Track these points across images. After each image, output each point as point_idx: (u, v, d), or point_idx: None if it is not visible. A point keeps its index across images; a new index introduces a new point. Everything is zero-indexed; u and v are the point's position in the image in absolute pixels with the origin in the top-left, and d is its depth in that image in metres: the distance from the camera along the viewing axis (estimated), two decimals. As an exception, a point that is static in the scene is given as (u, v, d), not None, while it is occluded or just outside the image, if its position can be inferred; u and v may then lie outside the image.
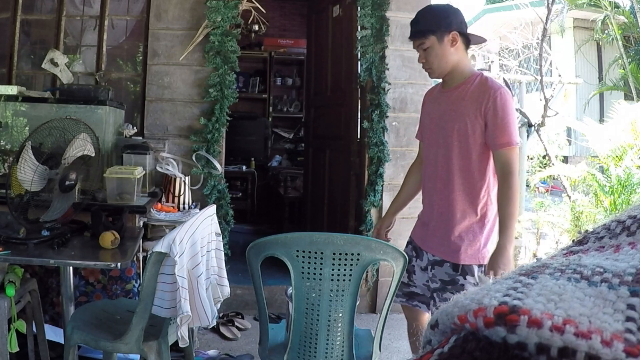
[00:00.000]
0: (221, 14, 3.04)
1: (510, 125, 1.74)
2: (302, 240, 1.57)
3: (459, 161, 1.84)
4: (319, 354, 1.61)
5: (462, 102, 1.83)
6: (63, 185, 1.93)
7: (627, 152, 3.75)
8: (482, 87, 1.79)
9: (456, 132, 1.84)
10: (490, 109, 1.75)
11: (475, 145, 1.80)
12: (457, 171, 1.84)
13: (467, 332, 0.24)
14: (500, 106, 1.74)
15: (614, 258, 0.28)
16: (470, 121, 1.79)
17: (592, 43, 9.84)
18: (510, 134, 1.74)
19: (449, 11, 1.86)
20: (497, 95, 1.75)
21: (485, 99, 1.76)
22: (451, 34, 1.82)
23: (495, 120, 1.75)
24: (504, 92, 1.76)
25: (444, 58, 1.84)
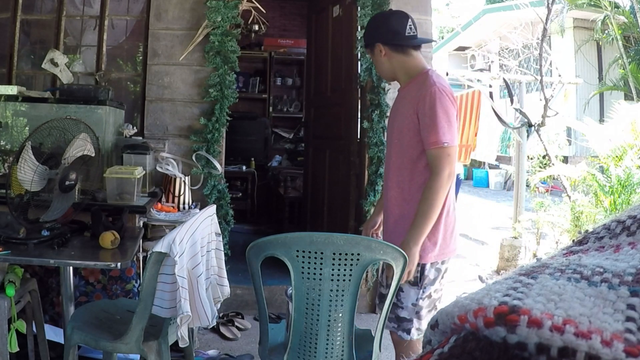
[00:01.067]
0: (221, 14, 3.04)
1: (439, 124, 1.71)
2: (302, 240, 1.57)
3: (397, 159, 1.87)
4: (319, 354, 1.61)
5: (403, 101, 1.88)
6: (63, 185, 1.93)
7: (627, 152, 3.75)
8: (420, 86, 1.80)
9: (396, 130, 1.88)
10: (421, 107, 1.75)
11: (412, 144, 1.81)
12: (395, 169, 1.88)
13: (467, 332, 0.24)
14: (430, 104, 1.73)
15: (614, 258, 0.28)
16: (407, 120, 1.81)
17: (592, 43, 9.84)
18: (438, 133, 1.71)
19: (373, 24, 1.96)
20: (429, 93, 1.74)
21: (419, 97, 1.77)
22: (376, 46, 1.90)
23: (424, 119, 1.75)
24: (437, 90, 1.74)
25: (380, 67, 1.95)
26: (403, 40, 1.87)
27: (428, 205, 1.72)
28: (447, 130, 1.72)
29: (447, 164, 1.72)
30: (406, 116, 1.82)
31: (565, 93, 5.16)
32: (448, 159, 1.72)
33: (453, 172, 1.74)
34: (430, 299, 1.85)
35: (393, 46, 1.88)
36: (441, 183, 1.71)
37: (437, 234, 1.81)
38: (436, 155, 1.73)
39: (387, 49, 1.89)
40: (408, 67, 1.89)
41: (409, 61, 1.89)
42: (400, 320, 1.85)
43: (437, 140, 1.72)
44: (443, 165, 1.72)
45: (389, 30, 1.89)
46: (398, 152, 1.86)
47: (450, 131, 1.73)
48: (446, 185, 1.73)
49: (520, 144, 4.72)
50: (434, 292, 1.85)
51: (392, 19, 1.91)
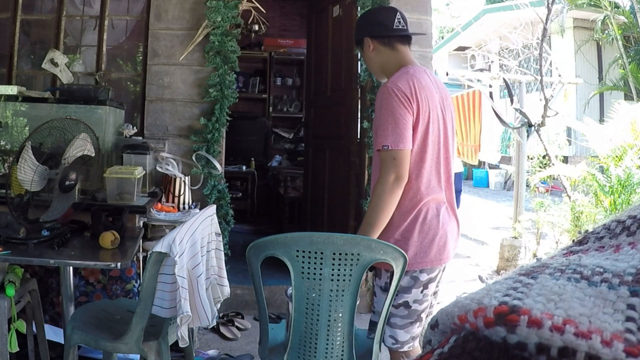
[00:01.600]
0: (221, 14, 3.04)
1: (382, 126, 1.66)
2: (302, 240, 1.57)
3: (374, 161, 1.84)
4: (319, 354, 1.61)
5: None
6: (63, 185, 1.93)
7: (627, 152, 3.75)
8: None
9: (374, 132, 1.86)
10: (375, 109, 1.74)
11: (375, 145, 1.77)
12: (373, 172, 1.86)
13: (467, 332, 0.24)
14: (378, 105, 1.70)
15: (614, 258, 0.28)
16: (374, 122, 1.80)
17: (592, 43, 9.84)
18: (380, 135, 1.66)
19: (361, 20, 1.94)
20: (379, 93, 1.71)
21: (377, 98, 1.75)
22: (365, 41, 1.87)
23: (374, 121, 1.72)
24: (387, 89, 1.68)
25: (370, 63, 1.91)
26: (391, 38, 1.83)
27: (371, 209, 1.67)
28: (390, 133, 1.64)
29: (392, 167, 1.64)
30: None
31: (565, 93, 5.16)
32: (393, 163, 1.64)
33: (401, 176, 1.65)
34: (409, 310, 1.76)
35: (380, 39, 1.84)
36: (384, 187, 1.64)
37: (408, 241, 1.72)
38: (382, 158, 1.68)
39: (376, 43, 1.84)
40: (392, 63, 1.84)
41: (394, 57, 1.83)
42: (372, 325, 1.78)
43: (378, 142, 1.67)
44: (387, 168, 1.65)
45: (376, 23, 1.85)
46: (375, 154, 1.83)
47: (394, 134, 1.63)
48: (391, 190, 1.64)
49: (520, 144, 4.72)
50: (413, 302, 1.76)
51: (380, 12, 1.90)
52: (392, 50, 1.84)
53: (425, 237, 1.74)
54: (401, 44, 1.85)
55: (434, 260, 1.75)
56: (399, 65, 1.82)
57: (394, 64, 1.83)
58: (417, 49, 3.38)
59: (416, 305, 1.76)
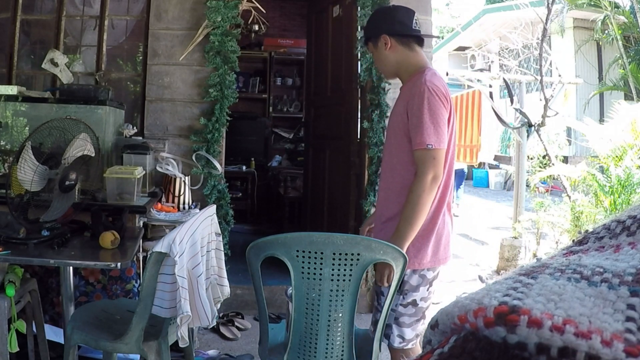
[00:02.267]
0: (221, 14, 3.04)
1: (424, 125, 1.65)
2: (302, 240, 1.57)
3: (388, 159, 1.84)
4: (319, 354, 1.61)
5: (399, 100, 1.83)
6: (63, 185, 1.93)
7: (627, 152, 3.75)
8: (413, 85, 1.74)
9: (390, 130, 1.85)
10: (410, 106, 1.70)
11: (401, 144, 1.76)
12: (386, 169, 1.84)
13: (467, 332, 0.24)
14: (418, 104, 1.68)
15: (614, 258, 0.28)
16: (398, 119, 1.78)
17: (592, 43, 9.84)
18: (423, 134, 1.66)
19: (378, 16, 1.89)
20: (418, 92, 1.69)
21: (410, 96, 1.72)
22: (382, 38, 1.82)
23: (412, 119, 1.70)
24: (426, 89, 1.68)
25: (383, 62, 1.87)
26: (409, 31, 1.81)
27: (410, 209, 1.67)
28: (432, 132, 1.65)
29: (431, 166, 1.65)
30: (398, 115, 1.78)
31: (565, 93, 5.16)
32: (433, 162, 1.65)
33: (439, 175, 1.67)
34: (416, 307, 1.78)
35: (399, 38, 1.81)
36: (424, 186, 1.65)
37: (428, 240, 1.75)
38: (420, 157, 1.68)
39: (393, 41, 1.81)
40: (410, 63, 1.83)
41: (412, 57, 1.83)
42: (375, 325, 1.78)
43: (421, 142, 1.66)
44: (427, 167, 1.66)
45: (395, 21, 1.82)
46: (389, 152, 1.83)
47: (436, 133, 1.66)
48: (430, 189, 1.66)
49: (520, 144, 4.72)
50: (420, 300, 1.78)
51: (399, 11, 1.85)
52: (409, 50, 1.83)
53: (438, 236, 1.78)
54: (418, 45, 1.85)
55: (442, 259, 1.80)
56: (417, 65, 1.82)
57: (412, 64, 1.82)
58: (417, 49, 3.38)
59: (422, 302, 1.80)
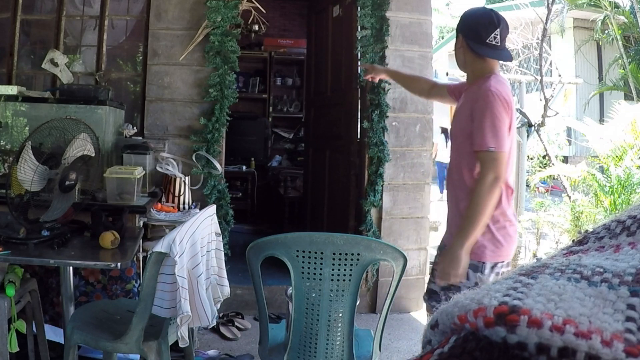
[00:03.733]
0: (221, 14, 3.04)
1: (486, 128, 1.71)
2: (302, 240, 1.57)
3: (455, 160, 1.89)
4: (319, 354, 1.61)
5: (463, 104, 1.89)
6: (63, 185, 1.93)
7: (627, 152, 3.75)
8: (478, 89, 1.80)
9: (455, 132, 1.91)
10: (475, 110, 1.76)
11: (465, 146, 1.81)
12: (456, 170, 1.88)
13: (467, 332, 0.24)
14: (482, 108, 1.73)
15: (614, 258, 0.28)
16: (462, 122, 1.84)
17: (592, 43, 9.84)
18: (484, 137, 1.71)
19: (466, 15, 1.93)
20: (482, 96, 1.74)
21: (475, 100, 1.78)
22: (459, 36, 1.90)
23: (475, 122, 1.75)
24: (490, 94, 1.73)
25: (457, 54, 1.94)
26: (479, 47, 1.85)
27: (472, 208, 1.71)
28: (494, 136, 1.70)
29: (492, 168, 1.69)
30: (462, 118, 1.84)
31: (565, 93, 5.16)
32: (493, 164, 1.70)
33: (500, 176, 1.71)
34: None
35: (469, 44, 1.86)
36: (484, 187, 1.69)
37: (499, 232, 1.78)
38: (482, 159, 1.73)
39: (465, 45, 1.87)
40: (476, 67, 1.88)
41: (480, 63, 1.87)
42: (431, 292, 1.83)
43: (483, 144, 1.71)
44: (488, 169, 1.70)
45: (471, 30, 1.86)
46: (456, 153, 1.89)
47: (498, 136, 1.70)
48: (491, 190, 1.70)
49: (520, 144, 4.72)
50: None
51: (482, 19, 1.86)
52: (478, 57, 1.86)
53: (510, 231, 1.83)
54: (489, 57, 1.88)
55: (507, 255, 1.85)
56: (484, 71, 1.86)
57: (479, 70, 1.87)
58: (417, 49, 3.38)
59: None
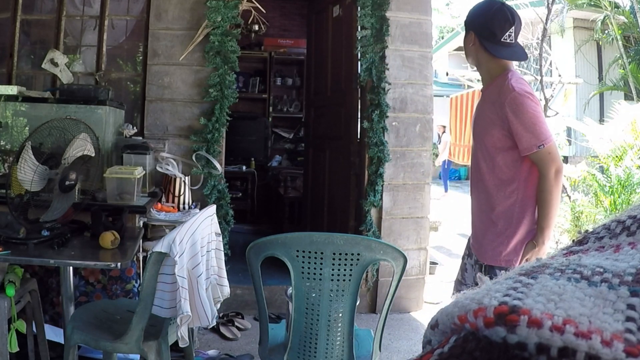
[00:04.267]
0: (221, 14, 3.04)
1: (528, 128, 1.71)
2: (302, 240, 1.57)
3: (484, 163, 1.85)
4: (319, 354, 1.61)
5: (484, 104, 1.86)
6: (63, 185, 1.93)
7: (627, 152, 3.75)
8: (499, 90, 1.77)
9: (480, 132, 1.87)
10: (507, 115, 1.72)
11: (493, 146, 1.80)
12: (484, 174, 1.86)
13: (467, 332, 0.24)
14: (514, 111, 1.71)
15: (614, 258, 0.28)
16: (488, 124, 1.81)
17: (592, 43, 9.84)
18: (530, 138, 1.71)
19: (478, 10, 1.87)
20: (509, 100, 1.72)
21: (501, 104, 1.74)
22: (470, 33, 1.85)
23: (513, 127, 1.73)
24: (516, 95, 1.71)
25: (467, 50, 1.91)
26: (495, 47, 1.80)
27: (545, 207, 1.74)
28: (538, 132, 1.70)
29: (550, 162, 1.72)
30: (487, 120, 1.82)
31: (565, 93, 5.17)
32: (549, 157, 1.72)
33: (560, 167, 1.74)
34: None
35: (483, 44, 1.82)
36: (549, 182, 1.72)
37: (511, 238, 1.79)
38: (536, 158, 1.73)
39: (477, 42, 1.83)
40: (491, 66, 1.85)
41: (494, 61, 1.83)
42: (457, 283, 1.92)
43: (531, 146, 1.71)
44: (547, 165, 1.72)
45: (486, 27, 1.81)
46: (482, 153, 1.86)
47: (541, 131, 1.71)
48: (556, 183, 1.73)
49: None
50: None
51: (496, 17, 1.80)
52: (490, 56, 1.82)
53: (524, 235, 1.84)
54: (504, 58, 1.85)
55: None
56: (499, 68, 1.83)
57: (493, 67, 1.84)
58: (417, 49, 3.38)
59: None
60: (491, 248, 1.81)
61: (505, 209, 1.80)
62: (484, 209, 1.87)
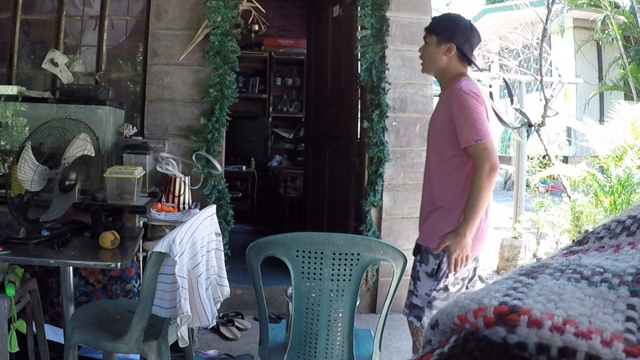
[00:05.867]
0: (221, 14, 3.04)
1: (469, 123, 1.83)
2: (302, 240, 1.57)
3: (434, 158, 2.01)
4: (319, 354, 1.61)
5: (439, 106, 2.03)
6: (63, 185, 1.93)
7: (627, 152, 3.75)
8: (450, 91, 1.93)
9: (434, 132, 2.03)
10: (452, 110, 1.88)
11: (444, 144, 1.94)
12: (433, 167, 2.01)
13: (467, 332, 0.24)
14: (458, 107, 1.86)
15: (614, 258, 0.28)
16: (440, 122, 1.97)
17: (592, 43, 9.84)
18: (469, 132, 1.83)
19: (459, 25, 2.02)
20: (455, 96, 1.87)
21: (450, 101, 1.90)
22: (449, 45, 1.97)
23: (457, 121, 1.87)
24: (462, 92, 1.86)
25: (432, 59, 2.02)
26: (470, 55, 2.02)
27: (473, 198, 1.83)
28: (477, 128, 1.82)
29: (486, 158, 1.81)
30: (440, 119, 1.97)
31: (565, 93, 5.16)
32: (485, 153, 1.82)
33: (495, 164, 1.83)
34: (447, 292, 1.95)
35: (462, 55, 1.99)
36: (482, 177, 1.82)
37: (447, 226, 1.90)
38: (473, 152, 1.84)
39: (456, 53, 1.98)
40: (452, 72, 2.00)
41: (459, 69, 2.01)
42: (412, 307, 1.96)
43: (470, 139, 1.83)
44: (482, 160, 1.82)
45: (467, 41, 2.00)
46: (435, 152, 2.00)
47: (481, 128, 1.83)
48: (488, 178, 1.83)
49: (520, 144, 4.72)
50: (451, 285, 1.95)
51: (475, 34, 2.02)
52: (461, 64, 2.02)
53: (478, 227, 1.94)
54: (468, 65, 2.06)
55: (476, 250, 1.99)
56: (457, 74, 2.00)
57: (453, 74, 2.01)
58: (417, 49, 3.38)
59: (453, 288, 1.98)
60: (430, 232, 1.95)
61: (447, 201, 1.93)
62: (429, 198, 2.01)
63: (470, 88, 1.89)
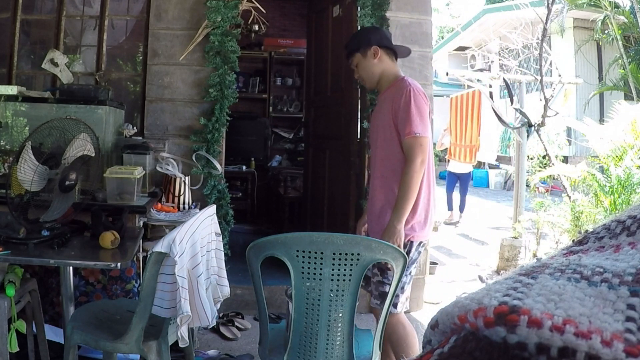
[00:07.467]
0: (221, 14, 3.04)
1: (412, 117, 1.94)
2: (302, 240, 1.57)
3: (381, 153, 2.09)
4: (319, 354, 1.61)
5: (383, 104, 2.11)
6: (63, 185, 1.93)
7: (627, 152, 3.74)
8: (397, 89, 2.04)
9: (380, 129, 2.11)
10: (398, 105, 2.00)
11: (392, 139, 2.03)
12: (379, 162, 2.10)
13: (467, 332, 0.24)
14: (405, 102, 1.97)
15: (614, 258, 0.28)
16: (387, 118, 2.05)
17: (592, 43, 9.84)
18: (411, 125, 1.94)
19: (368, 31, 2.25)
20: (404, 93, 1.98)
21: (396, 97, 2.01)
22: (372, 49, 2.12)
23: (401, 114, 1.98)
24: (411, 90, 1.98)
25: (369, 70, 2.16)
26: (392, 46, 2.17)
27: (405, 188, 1.94)
28: (419, 123, 1.95)
29: (420, 152, 1.94)
30: (387, 115, 2.05)
31: (565, 93, 5.16)
32: (420, 148, 1.94)
33: (426, 159, 1.95)
34: (411, 276, 2.11)
35: (387, 49, 2.14)
36: (415, 169, 1.93)
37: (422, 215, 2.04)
38: (410, 144, 1.96)
39: (382, 52, 2.13)
40: (390, 73, 2.14)
41: (393, 67, 2.15)
42: (384, 296, 1.98)
43: (410, 131, 1.95)
44: (416, 153, 1.94)
45: (383, 36, 2.18)
46: (382, 147, 2.09)
47: (422, 124, 1.96)
48: (420, 171, 1.94)
49: (520, 144, 4.72)
50: (414, 269, 2.12)
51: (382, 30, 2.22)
52: (392, 61, 2.17)
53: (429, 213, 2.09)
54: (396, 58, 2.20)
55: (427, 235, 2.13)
56: (396, 75, 2.14)
57: (392, 74, 2.14)
58: (417, 49, 3.38)
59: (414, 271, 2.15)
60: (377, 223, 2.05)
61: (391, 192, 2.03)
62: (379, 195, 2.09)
63: (418, 87, 2.02)
